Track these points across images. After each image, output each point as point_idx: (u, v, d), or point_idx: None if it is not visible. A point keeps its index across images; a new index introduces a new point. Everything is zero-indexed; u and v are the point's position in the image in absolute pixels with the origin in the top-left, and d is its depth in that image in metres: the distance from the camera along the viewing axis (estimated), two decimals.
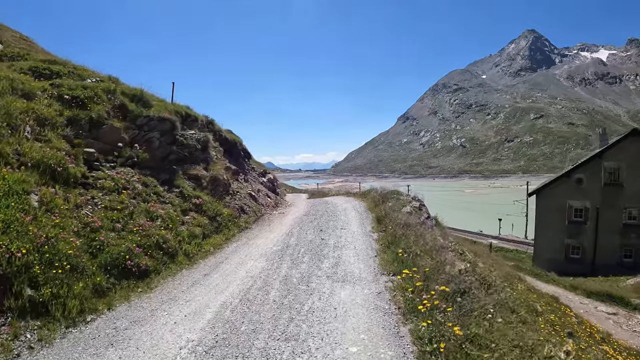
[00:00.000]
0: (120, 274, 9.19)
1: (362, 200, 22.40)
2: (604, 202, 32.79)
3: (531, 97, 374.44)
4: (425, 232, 14.01)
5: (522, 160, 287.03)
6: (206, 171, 16.86)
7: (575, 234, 34.01)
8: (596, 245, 33.11)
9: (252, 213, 17.78)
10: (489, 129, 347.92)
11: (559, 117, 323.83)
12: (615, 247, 32.44)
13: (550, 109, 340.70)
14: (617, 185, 32.46)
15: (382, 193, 22.23)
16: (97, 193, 11.53)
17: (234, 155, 24.59)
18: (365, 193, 25.61)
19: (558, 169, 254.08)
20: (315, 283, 8.90)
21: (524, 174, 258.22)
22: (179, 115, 18.59)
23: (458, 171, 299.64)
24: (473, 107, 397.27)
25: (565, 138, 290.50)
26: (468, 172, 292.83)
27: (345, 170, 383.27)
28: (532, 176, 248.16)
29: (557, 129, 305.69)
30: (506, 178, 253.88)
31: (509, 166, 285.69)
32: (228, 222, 15.03)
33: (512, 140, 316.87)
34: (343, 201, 23.46)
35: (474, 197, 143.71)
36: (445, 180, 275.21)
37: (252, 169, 26.99)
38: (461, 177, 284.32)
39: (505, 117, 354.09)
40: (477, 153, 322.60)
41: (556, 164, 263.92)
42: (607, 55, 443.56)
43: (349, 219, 16.49)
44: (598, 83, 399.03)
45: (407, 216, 15.81)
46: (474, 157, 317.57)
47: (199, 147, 17.56)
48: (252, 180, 24.08)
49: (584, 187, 33.73)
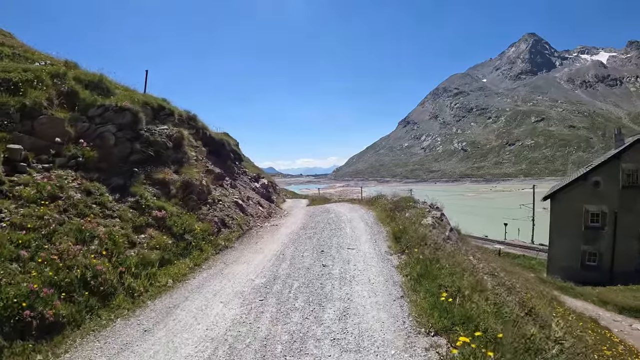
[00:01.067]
0: (13, 331, 5.85)
1: (370, 209, 19.10)
2: (622, 205, 30.55)
3: (532, 101, 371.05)
4: (458, 253, 10.63)
5: (523, 164, 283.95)
6: (177, 174, 13.38)
7: (592, 240, 31.81)
8: (614, 251, 30.86)
9: (237, 227, 14.29)
10: (490, 133, 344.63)
11: (560, 120, 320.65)
12: (634, 253, 30.13)
13: (551, 112, 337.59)
14: (636, 187, 30.33)
15: (393, 200, 18.72)
16: (9, 204, 8.14)
17: (222, 157, 21.23)
18: (373, 200, 22.29)
19: (560, 172, 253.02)
20: (312, 356, 5.43)
21: (525, 178, 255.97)
22: (149, 107, 15.17)
23: (459, 175, 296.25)
24: (474, 110, 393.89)
25: (566, 141, 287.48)
26: (469, 176, 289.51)
27: (346, 175, 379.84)
28: (534, 179, 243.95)
29: (558, 132, 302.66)
30: (508, 181, 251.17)
31: (510, 170, 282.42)
32: (201, 241, 11.51)
33: (513, 143, 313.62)
34: (347, 209, 20.21)
35: (477, 201, 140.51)
36: (446, 184, 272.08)
37: (244, 173, 23.67)
38: (462, 181, 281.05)
39: (506, 121, 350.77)
40: (478, 157, 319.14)
41: (558, 167, 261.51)
42: (607, 57, 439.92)
43: (357, 235, 13.02)
44: (598, 85, 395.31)
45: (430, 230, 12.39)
46: (475, 161, 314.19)
47: (169, 145, 14.09)
48: (242, 185, 20.69)
49: (601, 190, 31.53)
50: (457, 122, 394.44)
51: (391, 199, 19.67)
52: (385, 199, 20.10)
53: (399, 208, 16.11)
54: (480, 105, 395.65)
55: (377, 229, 13.72)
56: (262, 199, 21.42)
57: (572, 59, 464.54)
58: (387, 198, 20.54)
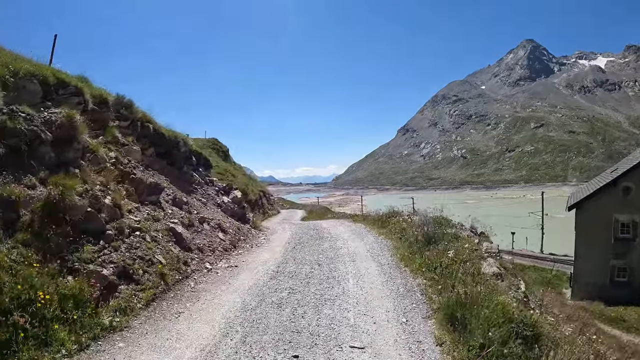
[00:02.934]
0: None
1: (382, 234, 13.91)
2: None
3: (531, 107, 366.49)
4: None
5: (523, 170, 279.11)
6: (43, 186, 7.47)
7: (622, 253, 28.43)
8: None
9: (156, 278, 8.15)
10: (490, 139, 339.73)
11: (559, 126, 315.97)
12: None
13: (550, 117, 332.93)
14: None
15: (421, 223, 12.25)
16: None
17: (176, 162, 15.30)
18: (384, 219, 17.16)
19: (560, 177, 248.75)
20: None
21: (526, 184, 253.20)
22: (37, 80, 9.19)
23: (459, 182, 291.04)
24: (473, 117, 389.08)
25: (566, 146, 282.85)
26: (469, 183, 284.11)
27: (346, 183, 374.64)
28: (535, 185, 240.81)
29: (558, 138, 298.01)
30: (508, 188, 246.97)
31: (510, 176, 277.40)
32: (52, 322, 5.48)
33: (513, 150, 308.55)
34: (349, 233, 15.25)
35: (481, 209, 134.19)
36: (447, 191, 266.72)
37: (209, 183, 17.99)
38: (463, 188, 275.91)
39: (505, 127, 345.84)
40: (478, 164, 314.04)
41: (558, 172, 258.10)
42: (605, 62, 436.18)
43: (368, 298, 7.07)
44: (597, 90, 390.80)
45: (502, 289, 6.31)
46: (475, 168, 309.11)
47: (46, 137, 8.05)
48: (200, 201, 14.79)
49: (633, 197, 27.97)
50: (456, 129, 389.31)
51: (410, 218, 14.30)
52: (403, 219, 14.92)
53: (434, 239, 10.07)
54: (479, 112, 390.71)
55: (402, 280, 7.71)
56: (231, 218, 15.50)
57: (570, 64, 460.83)
58: (403, 216, 15.59)
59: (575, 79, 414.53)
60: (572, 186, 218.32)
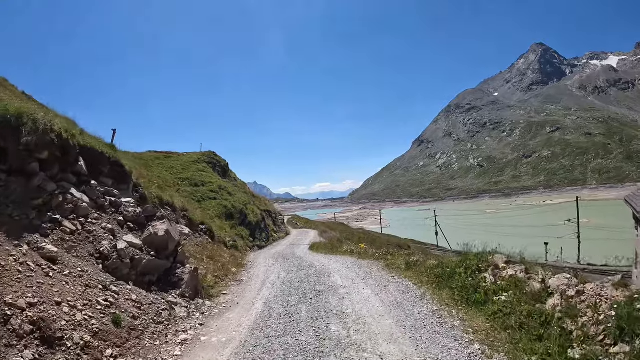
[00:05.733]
0: None
1: (437, 300, 8.57)
2: None
3: (545, 111, 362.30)
4: None
5: (542, 176, 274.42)
6: None
7: None
8: None
9: None
10: (506, 146, 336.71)
11: (575, 129, 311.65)
12: None
13: (565, 120, 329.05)
14: None
15: None
16: None
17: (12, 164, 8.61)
18: (432, 267, 11.59)
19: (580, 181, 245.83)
20: None
21: (545, 190, 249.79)
22: None
23: (477, 191, 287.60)
24: (487, 125, 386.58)
25: (584, 149, 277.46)
26: (488, 191, 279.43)
27: (362, 197, 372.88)
28: (554, 191, 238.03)
29: (574, 141, 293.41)
30: (527, 195, 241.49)
31: (529, 182, 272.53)
32: None
33: (530, 155, 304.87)
34: (378, 302, 9.38)
35: (505, 219, 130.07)
36: (465, 201, 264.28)
37: (114, 207, 10.87)
38: (481, 197, 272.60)
39: (520, 133, 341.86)
40: (495, 171, 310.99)
41: (577, 176, 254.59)
42: (617, 61, 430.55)
43: None
44: (611, 90, 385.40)
45: None
46: (493, 176, 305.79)
47: None
48: (44, 253, 7.76)
49: None
50: (471, 137, 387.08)
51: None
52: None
53: None
54: (493, 119, 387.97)
55: None
56: (127, 286, 8.90)
57: (582, 65, 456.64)
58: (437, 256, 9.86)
59: (588, 80, 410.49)
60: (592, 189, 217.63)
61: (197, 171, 30.76)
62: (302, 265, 16.20)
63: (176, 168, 30.00)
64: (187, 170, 30.22)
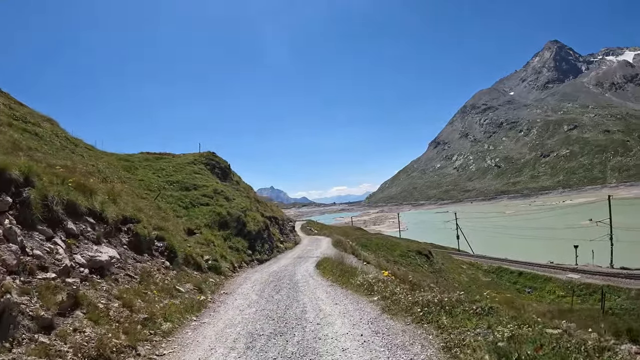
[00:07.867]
0: None
1: None
2: None
3: (562, 109, 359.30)
4: None
5: (560, 175, 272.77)
6: None
7: None
8: None
9: None
10: (523, 146, 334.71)
11: (593, 126, 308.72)
12: None
13: (583, 118, 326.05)
14: None
15: None
16: None
17: None
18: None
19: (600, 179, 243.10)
20: None
21: (564, 189, 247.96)
22: None
23: (495, 192, 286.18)
24: (504, 125, 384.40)
25: (602, 147, 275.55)
26: (506, 192, 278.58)
27: (380, 200, 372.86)
28: (573, 190, 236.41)
29: (593, 138, 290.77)
30: (546, 195, 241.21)
31: (547, 182, 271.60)
32: None
33: (548, 155, 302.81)
34: None
35: (527, 221, 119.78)
36: (483, 203, 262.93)
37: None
38: (499, 198, 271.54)
39: (538, 132, 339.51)
40: (513, 172, 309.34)
41: (597, 174, 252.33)
42: (633, 56, 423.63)
43: None
44: (628, 86, 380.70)
45: None
46: (511, 177, 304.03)
47: None
48: None
49: None
50: (488, 138, 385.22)
51: None
52: None
53: None
54: (509, 119, 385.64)
55: None
56: None
57: (597, 62, 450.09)
58: None
59: (604, 76, 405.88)
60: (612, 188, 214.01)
61: (190, 173, 27.65)
62: (287, 317, 8.23)
63: (166, 170, 26.80)
64: (179, 173, 27.07)
